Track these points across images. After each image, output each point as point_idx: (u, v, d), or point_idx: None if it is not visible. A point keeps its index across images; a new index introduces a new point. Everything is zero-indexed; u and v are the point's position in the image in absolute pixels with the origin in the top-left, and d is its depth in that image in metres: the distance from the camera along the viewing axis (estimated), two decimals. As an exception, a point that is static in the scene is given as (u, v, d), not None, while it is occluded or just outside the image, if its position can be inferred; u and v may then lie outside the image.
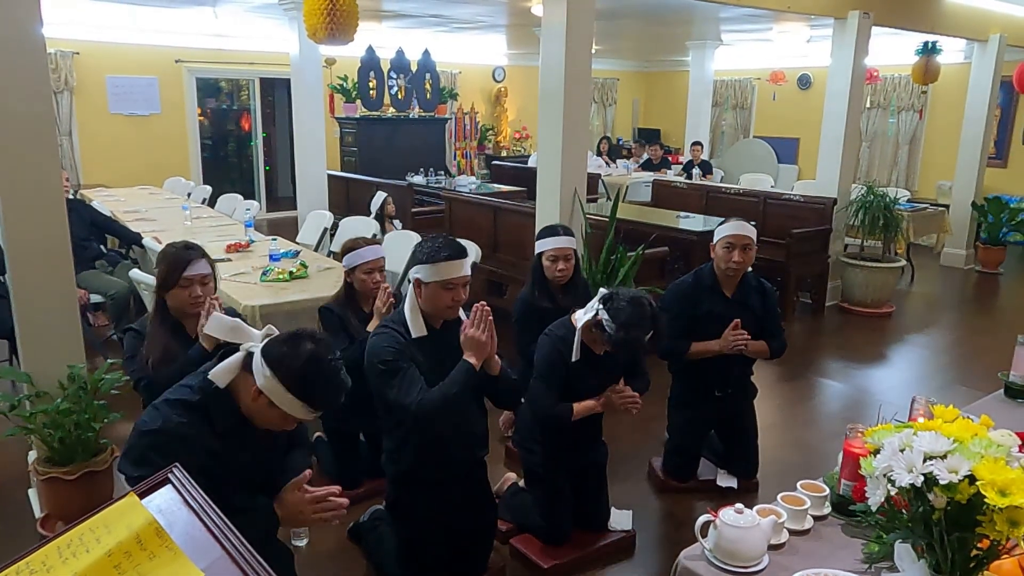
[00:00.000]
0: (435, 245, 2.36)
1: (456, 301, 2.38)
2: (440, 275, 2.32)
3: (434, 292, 2.35)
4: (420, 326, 2.38)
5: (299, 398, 1.74)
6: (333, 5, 4.12)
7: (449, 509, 2.52)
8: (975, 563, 1.27)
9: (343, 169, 9.56)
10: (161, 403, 1.80)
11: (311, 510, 1.83)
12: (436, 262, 2.32)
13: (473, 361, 2.31)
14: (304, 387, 1.74)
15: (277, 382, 1.73)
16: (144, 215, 6.11)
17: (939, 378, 5.02)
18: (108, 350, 4.74)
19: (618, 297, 2.58)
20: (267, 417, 1.79)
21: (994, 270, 8.11)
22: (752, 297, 3.28)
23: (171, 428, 1.72)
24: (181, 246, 2.70)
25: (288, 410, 1.75)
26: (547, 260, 3.38)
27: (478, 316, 2.31)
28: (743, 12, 7.11)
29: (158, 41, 9.09)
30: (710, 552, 1.71)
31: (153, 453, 1.69)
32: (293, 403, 1.74)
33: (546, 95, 4.46)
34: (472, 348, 2.32)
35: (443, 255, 2.32)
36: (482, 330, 2.31)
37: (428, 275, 2.33)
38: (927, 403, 1.87)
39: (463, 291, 2.39)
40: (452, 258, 2.33)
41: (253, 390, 1.76)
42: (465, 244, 4.85)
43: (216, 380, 1.78)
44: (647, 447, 3.75)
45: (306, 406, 1.76)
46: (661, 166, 10.39)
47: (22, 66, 2.72)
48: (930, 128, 10.53)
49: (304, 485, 1.84)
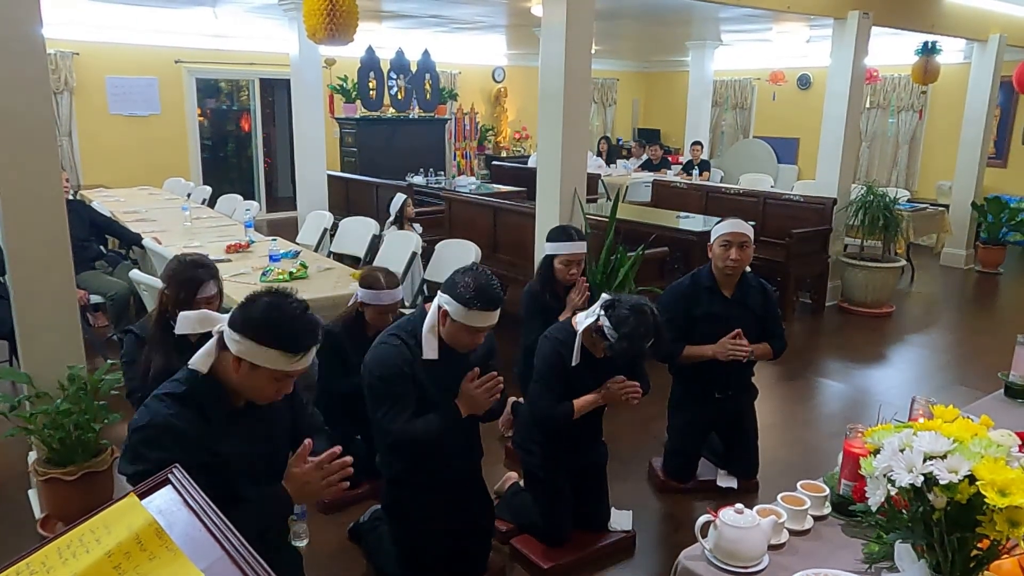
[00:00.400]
0: (473, 289, 2.27)
1: (476, 343, 2.39)
2: (468, 321, 2.30)
3: (457, 331, 2.34)
4: (434, 349, 2.37)
5: (273, 347, 1.72)
6: (333, 5, 4.12)
7: (445, 511, 2.53)
8: (975, 563, 1.27)
9: (343, 169, 9.56)
10: (150, 399, 1.79)
11: (318, 478, 1.81)
12: (470, 309, 2.27)
13: (462, 410, 2.38)
14: (271, 333, 1.72)
15: (248, 340, 1.72)
16: (144, 216, 6.11)
17: (939, 378, 5.02)
18: (108, 351, 4.74)
19: (620, 304, 2.56)
20: (257, 385, 1.77)
21: (994, 270, 8.12)
22: (751, 297, 3.27)
23: (160, 421, 1.71)
24: (191, 264, 2.64)
25: (270, 364, 1.73)
26: (559, 264, 3.37)
27: (488, 384, 2.36)
28: (743, 12, 7.11)
29: (158, 41, 9.09)
30: (710, 552, 1.71)
31: (145, 448, 1.68)
32: (269, 354, 1.72)
33: (546, 95, 4.46)
34: (467, 402, 2.37)
35: (477, 305, 2.27)
36: (486, 396, 2.37)
37: (456, 314, 2.29)
38: (927, 403, 1.87)
39: (485, 334, 2.40)
40: (485, 309, 2.29)
41: (233, 361, 1.75)
42: (467, 245, 4.87)
43: (198, 367, 1.77)
44: (647, 447, 3.74)
45: (283, 353, 1.73)
46: (661, 166, 10.39)
47: (22, 66, 2.72)
48: (930, 128, 10.53)
49: (306, 456, 1.82)
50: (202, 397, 1.77)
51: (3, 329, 3.72)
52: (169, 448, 1.65)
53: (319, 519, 3.09)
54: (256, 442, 1.85)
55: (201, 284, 2.58)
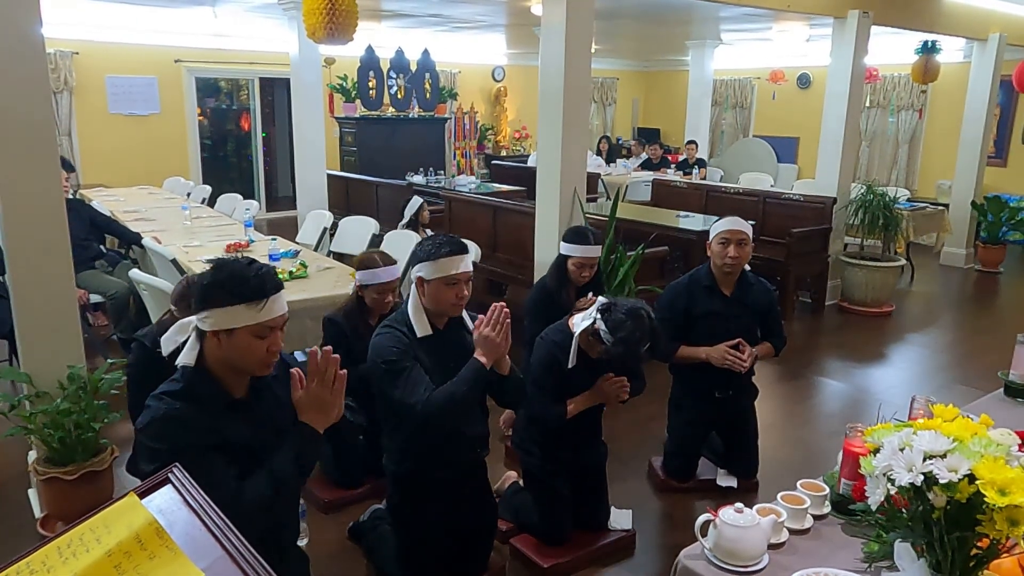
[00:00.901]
0: (436, 242, 2.36)
1: (460, 298, 2.37)
2: (442, 271, 2.31)
3: (437, 289, 2.34)
4: (425, 325, 2.38)
5: (234, 303, 1.71)
6: (332, 5, 4.12)
7: (450, 509, 2.52)
8: (975, 562, 1.27)
9: (343, 169, 9.56)
10: (150, 400, 1.79)
11: (324, 389, 1.79)
12: (438, 258, 2.31)
13: (484, 360, 2.29)
14: (226, 290, 1.72)
15: (211, 309, 1.72)
16: (144, 215, 6.11)
17: (939, 377, 5.02)
18: (108, 350, 4.74)
19: (616, 308, 2.55)
20: (244, 350, 1.75)
21: (994, 269, 8.12)
22: (751, 295, 3.28)
23: (163, 413, 1.70)
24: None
25: (241, 322, 1.72)
26: (573, 266, 3.42)
27: (495, 316, 2.29)
28: (743, 12, 7.11)
29: (158, 41, 9.09)
30: (710, 551, 1.71)
31: (157, 442, 1.68)
32: (236, 312, 1.71)
33: (546, 95, 4.45)
34: (485, 348, 2.29)
35: (444, 251, 2.32)
36: (497, 331, 2.28)
37: (430, 272, 2.33)
38: (927, 402, 1.87)
39: (466, 287, 2.38)
40: (454, 253, 2.33)
41: (211, 341, 1.75)
42: (466, 243, 4.86)
43: (186, 362, 1.77)
44: (647, 447, 3.75)
45: (247, 305, 1.72)
46: (661, 165, 10.40)
47: (22, 66, 2.72)
48: (930, 127, 10.53)
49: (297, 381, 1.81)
50: (199, 390, 1.76)
51: (3, 329, 3.72)
52: (179, 436, 1.65)
53: (319, 519, 3.09)
54: (260, 425, 1.84)
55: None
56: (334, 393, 1.81)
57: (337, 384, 1.81)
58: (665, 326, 3.23)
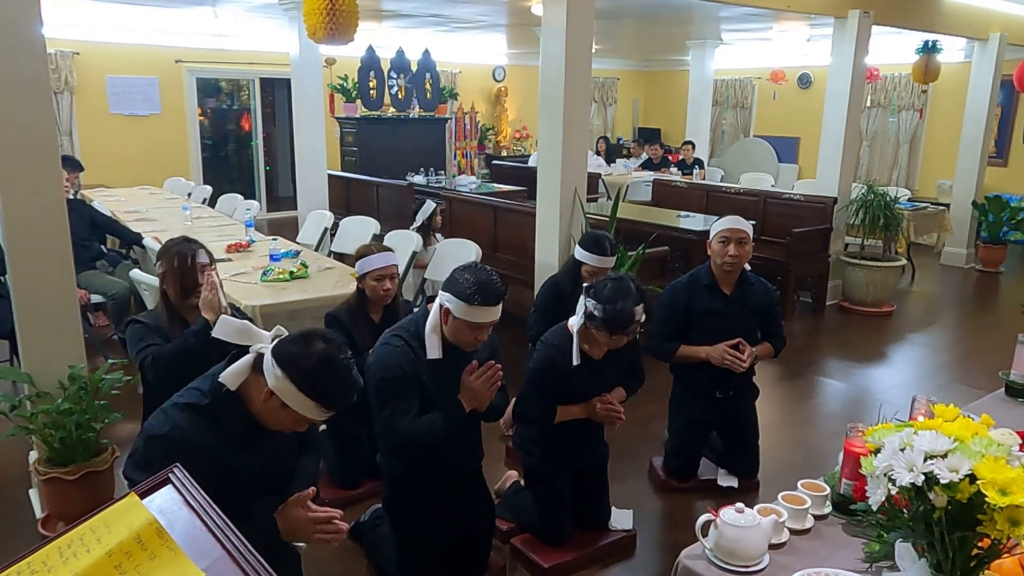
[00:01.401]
0: (473, 285, 2.28)
1: (479, 340, 2.39)
2: (470, 316, 2.30)
3: (459, 328, 2.34)
4: (437, 348, 2.37)
5: (312, 398, 1.72)
6: (333, 5, 4.12)
7: (446, 511, 2.53)
8: (976, 562, 1.27)
9: (343, 169, 9.56)
10: (170, 407, 1.78)
11: (312, 529, 1.82)
12: (471, 304, 2.28)
13: (465, 405, 2.36)
14: (316, 387, 1.72)
15: (289, 382, 1.71)
16: (144, 215, 6.11)
17: (939, 377, 5.02)
18: (109, 350, 4.74)
19: (599, 283, 2.64)
20: (279, 419, 1.78)
21: (995, 269, 8.11)
22: (751, 295, 3.28)
23: (178, 434, 1.71)
24: (177, 240, 2.73)
25: (301, 411, 1.74)
26: (586, 272, 3.47)
27: (488, 374, 2.34)
28: (743, 11, 7.11)
29: (158, 41, 9.09)
30: (711, 551, 1.71)
31: (160, 458, 1.67)
32: (305, 403, 1.73)
33: (546, 95, 4.45)
34: (469, 397, 2.36)
35: (477, 300, 2.28)
36: (486, 388, 2.35)
37: (458, 311, 2.30)
38: (927, 402, 1.87)
39: (487, 331, 2.39)
40: (487, 304, 2.30)
41: (264, 392, 1.74)
42: (468, 245, 4.85)
43: (227, 383, 1.76)
44: (647, 447, 3.74)
45: (319, 406, 1.74)
46: (661, 165, 10.40)
47: (22, 66, 2.72)
48: (930, 127, 10.53)
49: (308, 503, 1.83)
50: (223, 412, 1.77)
51: (4, 329, 3.72)
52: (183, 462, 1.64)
53: (320, 518, 3.09)
54: (268, 457, 1.86)
55: (194, 253, 2.67)
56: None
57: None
58: (665, 325, 3.26)
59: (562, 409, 2.78)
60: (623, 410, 2.80)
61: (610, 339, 2.63)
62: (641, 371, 2.98)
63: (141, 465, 1.70)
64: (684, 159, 10.13)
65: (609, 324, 2.56)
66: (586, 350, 2.72)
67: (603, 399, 2.78)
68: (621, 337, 2.62)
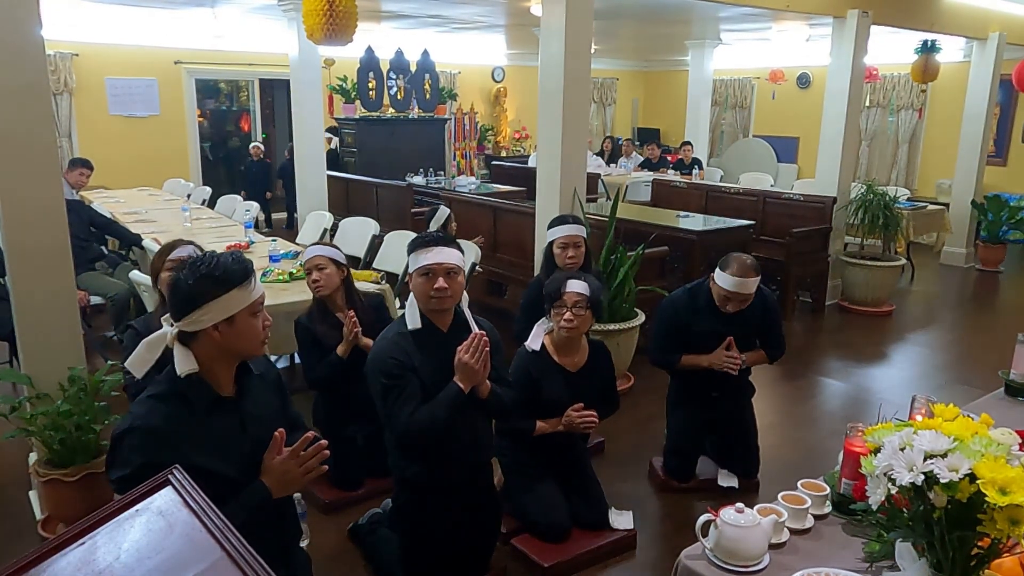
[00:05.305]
0: (418, 236, 2.40)
1: (438, 290, 2.32)
2: (418, 262, 2.33)
3: (415, 282, 2.36)
4: (415, 319, 2.39)
5: (229, 288, 1.74)
6: (332, 6, 4.12)
7: (454, 512, 2.52)
8: (976, 561, 1.27)
9: (342, 170, 9.55)
10: (134, 404, 1.78)
11: (296, 466, 1.80)
12: (413, 251, 2.35)
13: (462, 385, 2.33)
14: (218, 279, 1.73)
15: (208, 303, 1.72)
16: (144, 216, 6.11)
17: (939, 376, 5.02)
18: (108, 352, 4.74)
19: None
20: (244, 332, 1.78)
21: (994, 268, 8.12)
22: (750, 309, 3.18)
23: (141, 423, 1.69)
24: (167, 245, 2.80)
25: (237, 306, 1.75)
26: (557, 248, 3.49)
27: (474, 344, 2.31)
28: (742, 11, 7.11)
29: (157, 42, 9.08)
30: (711, 551, 1.71)
31: (130, 453, 1.67)
32: (232, 297, 1.74)
33: (546, 95, 4.46)
34: (463, 373, 2.33)
35: (418, 242, 2.35)
36: (476, 359, 2.31)
37: (411, 265, 2.37)
38: (927, 402, 1.87)
39: (445, 279, 2.33)
40: (428, 244, 2.33)
41: (210, 335, 1.74)
42: (464, 243, 4.84)
43: (189, 369, 1.75)
44: (647, 447, 3.74)
45: (239, 288, 1.75)
46: (660, 165, 10.40)
47: (21, 68, 2.72)
48: (930, 127, 10.53)
49: (280, 447, 1.81)
50: (187, 390, 1.76)
51: (3, 330, 3.72)
52: (154, 452, 1.63)
53: (319, 519, 3.09)
54: (252, 430, 1.84)
55: (175, 248, 2.74)
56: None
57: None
58: (667, 340, 3.29)
59: (540, 423, 2.87)
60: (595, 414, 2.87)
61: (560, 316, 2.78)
62: (616, 399, 3.06)
63: (117, 464, 1.68)
64: (683, 159, 10.14)
65: (548, 296, 2.79)
66: (561, 359, 2.87)
67: (576, 407, 2.84)
68: (567, 311, 2.76)
